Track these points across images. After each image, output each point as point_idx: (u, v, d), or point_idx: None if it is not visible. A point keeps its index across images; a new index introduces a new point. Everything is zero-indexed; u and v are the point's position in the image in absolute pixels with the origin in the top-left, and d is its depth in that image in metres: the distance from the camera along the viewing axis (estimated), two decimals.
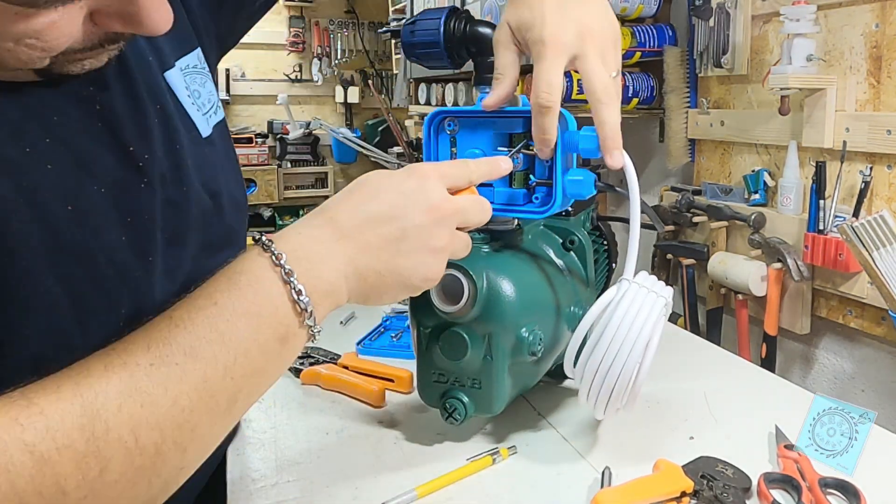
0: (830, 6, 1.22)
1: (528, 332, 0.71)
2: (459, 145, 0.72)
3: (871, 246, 1.06)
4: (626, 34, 1.57)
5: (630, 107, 1.62)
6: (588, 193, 0.68)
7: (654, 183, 1.75)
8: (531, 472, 0.71)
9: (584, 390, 0.68)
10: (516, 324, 0.70)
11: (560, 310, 0.78)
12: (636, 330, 0.65)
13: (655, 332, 0.66)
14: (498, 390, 0.72)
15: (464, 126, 0.71)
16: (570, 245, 0.83)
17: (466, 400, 0.72)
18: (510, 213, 0.71)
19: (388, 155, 2.09)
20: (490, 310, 0.69)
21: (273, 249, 0.50)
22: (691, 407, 0.84)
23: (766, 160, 1.41)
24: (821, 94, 1.22)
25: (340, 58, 3.81)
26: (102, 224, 0.51)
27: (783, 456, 0.70)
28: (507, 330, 0.70)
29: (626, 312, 0.66)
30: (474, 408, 0.73)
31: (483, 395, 0.72)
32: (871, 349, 1.26)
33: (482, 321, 0.69)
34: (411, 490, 0.66)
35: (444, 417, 0.73)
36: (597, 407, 0.69)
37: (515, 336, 0.70)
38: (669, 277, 1.60)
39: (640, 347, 0.65)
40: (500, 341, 0.70)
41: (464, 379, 0.72)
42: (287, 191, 3.78)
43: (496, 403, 0.72)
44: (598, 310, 0.68)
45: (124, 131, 0.53)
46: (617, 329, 0.65)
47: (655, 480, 0.67)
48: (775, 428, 0.76)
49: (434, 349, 0.71)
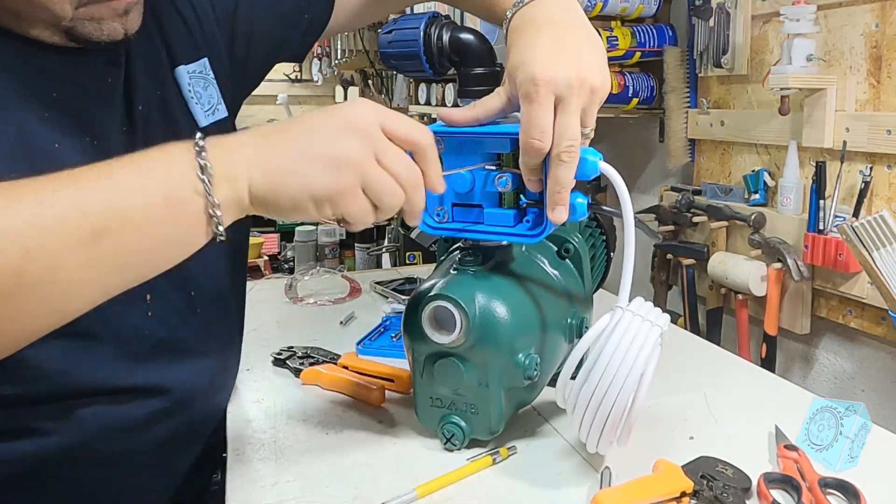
0: (830, 6, 1.22)
1: (525, 357, 0.70)
2: (445, 164, 0.69)
3: (871, 246, 1.06)
4: (626, 34, 1.57)
5: (630, 107, 1.62)
6: (580, 216, 0.65)
7: (654, 183, 1.75)
8: (531, 472, 0.71)
9: (577, 422, 0.66)
10: (512, 349, 0.69)
11: (556, 325, 0.77)
12: (629, 361, 0.62)
13: (650, 363, 0.63)
14: (495, 415, 0.72)
15: (449, 145, 0.69)
16: (566, 253, 0.81)
17: (464, 425, 0.73)
18: (500, 236, 0.69)
19: None
20: (484, 338, 0.68)
21: (197, 138, 0.52)
22: (691, 407, 0.84)
23: (766, 160, 1.41)
24: (821, 94, 1.22)
25: (340, 58, 3.80)
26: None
27: (783, 456, 0.70)
28: (502, 356, 0.69)
29: (619, 342, 0.63)
30: (472, 432, 0.73)
31: (480, 419, 0.72)
32: (871, 349, 1.26)
33: (477, 349, 0.68)
34: (411, 490, 0.66)
35: (443, 443, 0.74)
36: (590, 439, 0.66)
37: (511, 361, 0.69)
38: (669, 277, 1.60)
39: (634, 378, 0.62)
40: (495, 368, 0.69)
41: (461, 404, 0.73)
42: None
43: (493, 427, 0.73)
44: (590, 338, 0.65)
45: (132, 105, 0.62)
46: (609, 360, 0.62)
47: (655, 480, 0.66)
48: (775, 428, 0.76)
49: (430, 376, 0.71)
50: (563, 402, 0.68)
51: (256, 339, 1.10)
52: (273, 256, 3.16)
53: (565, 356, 0.69)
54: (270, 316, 1.23)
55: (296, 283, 1.38)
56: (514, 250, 0.77)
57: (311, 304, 1.29)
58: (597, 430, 0.65)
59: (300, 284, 1.39)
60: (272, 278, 1.64)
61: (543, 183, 0.65)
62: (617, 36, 1.56)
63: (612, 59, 1.58)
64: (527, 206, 0.69)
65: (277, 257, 3.20)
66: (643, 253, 1.45)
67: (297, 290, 1.35)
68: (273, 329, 1.17)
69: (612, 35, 1.55)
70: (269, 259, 3.01)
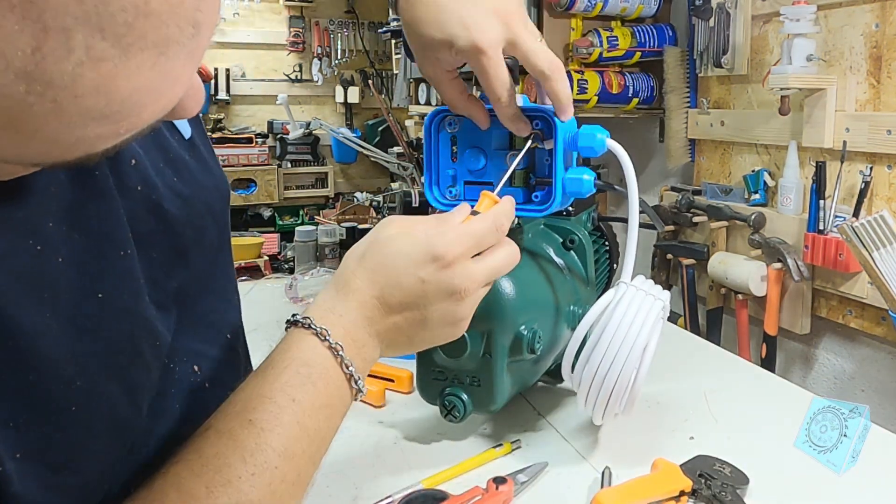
0: (830, 6, 1.22)
1: (527, 330, 0.71)
2: (460, 145, 0.72)
3: (871, 246, 1.06)
4: (626, 34, 1.57)
5: (630, 107, 1.62)
6: (588, 192, 0.67)
7: (654, 183, 1.75)
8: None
9: (583, 395, 0.68)
10: (515, 321, 0.70)
11: (559, 308, 0.78)
12: (633, 333, 0.65)
13: (653, 335, 0.66)
14: (497, 388, 0.72)
15: (464, 125, 0.71)
16: (570, 244, 0.83)
17: (465, 398, 0.72)
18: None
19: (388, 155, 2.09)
20: (489, 307, 0.68)
21: (331, 340, 0.54)
22: (691, 407, 0.84)
23: (766, 160, 1.41)
24: (821, 94, 1.22)
25: (340, 58, 3.81)
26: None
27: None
28: (506, 327, 0.70)
29: (623, 316, 0.65)
30: (473, 405, 0.72)
31: (482, 392, 0.72)
32: (871, 349, 1.26)
33: (481, 319, 0.69)
34: (417, 483, 0.67)
35: (444, 415, 0.73)
36: (595, 411, 0.69)
37: (514, 334, 0.70)
38: (669, 277, 1.60)
39: (638, 351, 0.65)
40: (498, 339, 0.70)
41: (463, 377, 0.72)
42: (287, 191, 3.78)
43: (495, 401, 0.72)
44: (595, 313, 0.67)
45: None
46: (614, 333, 0.65)
47: (654, 480, 0.67)
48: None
49: (433, 347, 0.71)
50: (569, 375, 0.70)
51: (256, 339, 1.09)
52: (273, 256, 3.17)
53: (567, 342, 0.70)
54: (270, 316, 1.22)
55: (296, 283, 1.38)
56: (522, 235, 0.78)
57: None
58: (602, 402, 0.67)
59: (300, 284, 1.39)
60: (272, 278, 1.64)
61: (555, 151, 0.66)
62: (617, 36, 1.56)
63: (612, 59, 1.58)
64: (536, 184, 0.71)
65: (277, 257, 3.21)
66: (643, 253, 1.45)
67: (297, 290, 1.35)
68: (273, 329, 1.16)
69: (612, 35, 1.55)
70: (269, 259, 3.01)
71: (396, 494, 0.65)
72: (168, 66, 0.31)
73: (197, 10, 0.31)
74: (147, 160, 0.51)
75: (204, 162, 0.58)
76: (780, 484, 0.68)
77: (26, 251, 0.40)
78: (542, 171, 0.70)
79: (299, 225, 2.78)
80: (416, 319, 0.58)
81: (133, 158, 0.49)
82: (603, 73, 1.57)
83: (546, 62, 0.63)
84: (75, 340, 0.41)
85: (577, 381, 0.68)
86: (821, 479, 0.68)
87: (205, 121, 3.45)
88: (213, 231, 0.57)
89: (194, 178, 0.56)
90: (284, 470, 0.49)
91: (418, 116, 2.51)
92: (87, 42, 0.28)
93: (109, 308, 0.44)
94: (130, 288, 0.46)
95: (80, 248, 0.43)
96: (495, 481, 0.64)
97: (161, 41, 0.30)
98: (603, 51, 1.54)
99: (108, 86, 0.30)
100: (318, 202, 3.85)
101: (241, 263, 2.67)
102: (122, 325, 0.45)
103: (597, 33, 1.54)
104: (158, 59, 0.31)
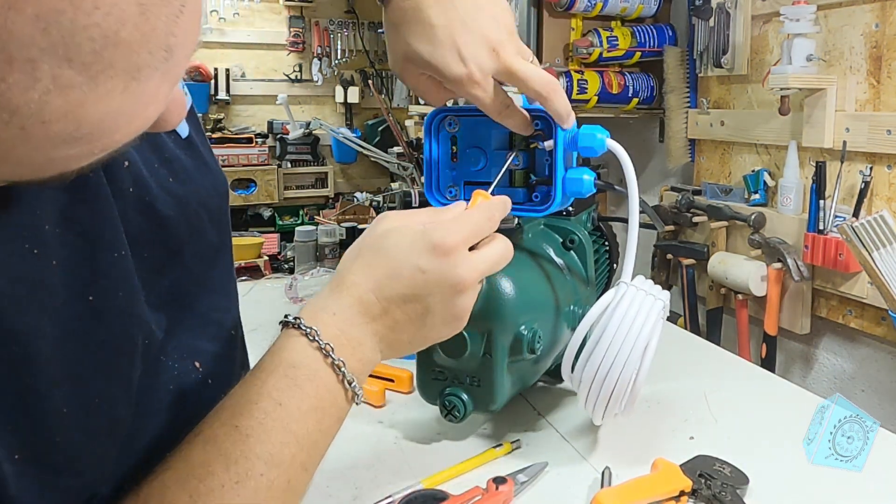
0: (830, 6, 1.22)
1: (528, 330, 0.71)
2: (460, 145, 0.72)
3: (871, 246, 1.06)
4: (626, 34, 1.57)
5: (630, 107, 1.62)
6: (588, 192, 0.67)
7: (654, 183, 1.75)
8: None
9: (583, 395, 0.68)
10: (515, 321, 0.70)
11: (559, 308, 0.78)
12: (634, 333, 0.65)
13: (653, 335, 0.66)
14: (497, 388, 0.72)
15: (464, 125, 0.71)
16: (570, 244, 0.83)
17: (465, 397, 0.72)
18: (511, 211, 0.71)
19: (388, 155, 2.09)
20: (489, 307, 0.68)
21: (320, 340, 0.52)
22: (691, 407, 0.84)
23: (766, 160, 1.41)
24: (821, 94, 1.22)
25: (340, 58, 3.81)
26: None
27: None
28: (506, 327, 0.70)
29: (623, 316, 0.65)
30: (473, 405, 0.72)
31: (482, 392, 0.72)
32: (871, 349, 1.26)
33: (481, 318, 0.69)
34: (417, 483, 0.66)
35: (444, 415, 0.73)
36: (595, 411, 0.69)
37: (514, 333, 0.70)
38: (669, 277, 1.60)
39: (639, 351, 0.65)
40: (499, 339, 0.70)
41: (463, 376, 0.72)
42: (287, 191, 3.78)
43: (495, 401, 0.72)
44: (595, 313, 0.67)
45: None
46: (615, 333, 0.65)
47: (654, 480, 0.67)
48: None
49: (433, 346, 0.71)
50: (569, 375, 0.70)
51: (256, 339, 1.09)
52: (273, 256, 3.17)
53: (567, 342, 0.70)
54: (270, 316, 1.22)
55: (296, 284, 1.38)
56: (522, 235, 0.78)
57: None
58: (602, 402, 0.67)
59: (300, 284, 1.38)
60: (272, 278, 1.64)
61: (555, 150, 0.67)
62: (617, 36, 1.56)
63: (612, 59, 1.58)
64: (536, 184, 0.71)
65: (277, 257, 3.20)
66: (643, 252, 1.45)
67: (297, 290, 1.35)
68: (273, 329, 1.16)
69: (612, 35, 1.55)
70: (269, 259, 3.01)
71: (396, 494, 0.65)
72: (140, 90, 0.31)
73: (170, 34, 0.30)
74: (141, 161, 0.51)
75: (201, 160, 0.58)
76: (780, 484, 0.68)
77: (23, 256, 0.39)
78: (542, 171, 0.70)
79: (299, 225, 2.78)
80: (417, 314, 0.56)
81: (126, 160, 0.49)
82: (603, 73, 1.57)
83: (540, 85, 0.62)
84: (70, 342, 0.41)
85: (577, 381, 0.68)
86: (821, 479, 0.68)
87: (205, 121, 3.45)
88: (211, 230, 0.57)
89: (190, 177, 0.55)
90: (271, 477, 0.47)
91: (418, 116, 2.51)
92: (54, 72, 0.28)
93: (104, 310, 0.44)
94: (125, 289, 0.46)
95: (74, 251, 0.43)
96: (495, 481, 0.64)
97: (132, 68, 0.30)
98: (603, 51, 1.54)
99: (76, 112, 0.29)
100: (318, 202, 3.85)
101: (241, 263, 2.66)
102: (117, 327, 0.45)
103: (597, 33, 1.54)
104: (129, 84, 0.30)
